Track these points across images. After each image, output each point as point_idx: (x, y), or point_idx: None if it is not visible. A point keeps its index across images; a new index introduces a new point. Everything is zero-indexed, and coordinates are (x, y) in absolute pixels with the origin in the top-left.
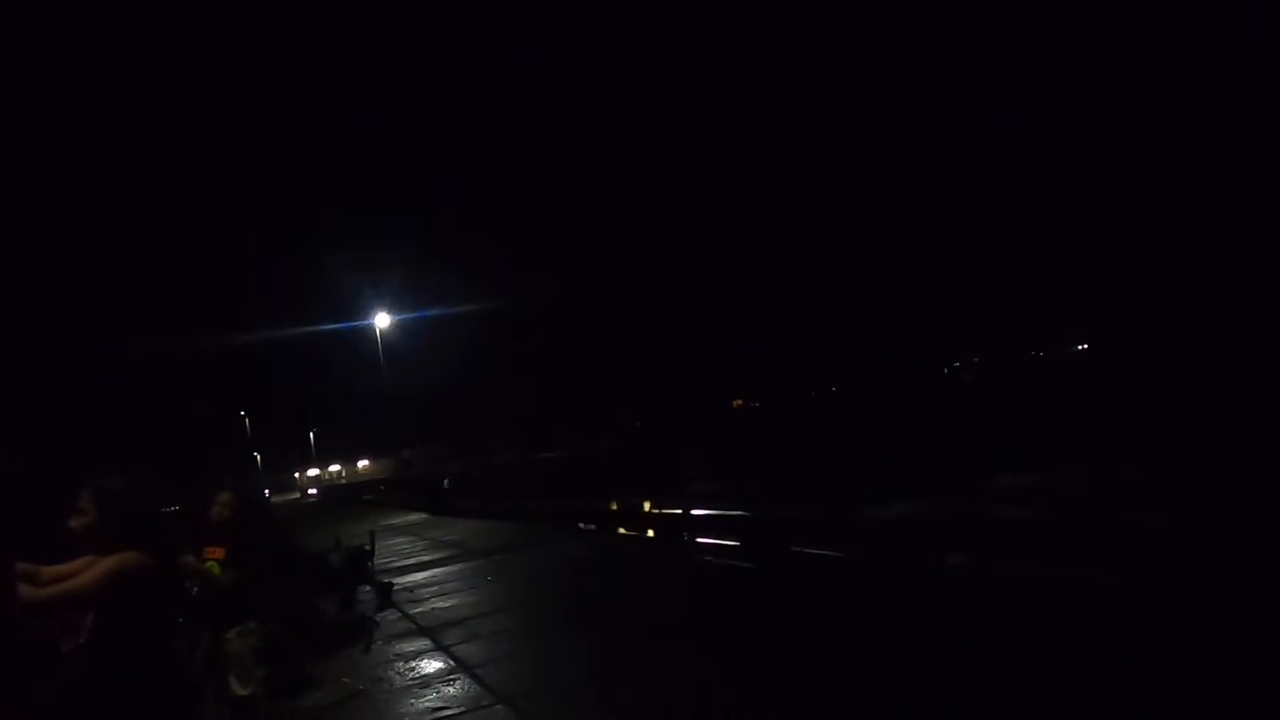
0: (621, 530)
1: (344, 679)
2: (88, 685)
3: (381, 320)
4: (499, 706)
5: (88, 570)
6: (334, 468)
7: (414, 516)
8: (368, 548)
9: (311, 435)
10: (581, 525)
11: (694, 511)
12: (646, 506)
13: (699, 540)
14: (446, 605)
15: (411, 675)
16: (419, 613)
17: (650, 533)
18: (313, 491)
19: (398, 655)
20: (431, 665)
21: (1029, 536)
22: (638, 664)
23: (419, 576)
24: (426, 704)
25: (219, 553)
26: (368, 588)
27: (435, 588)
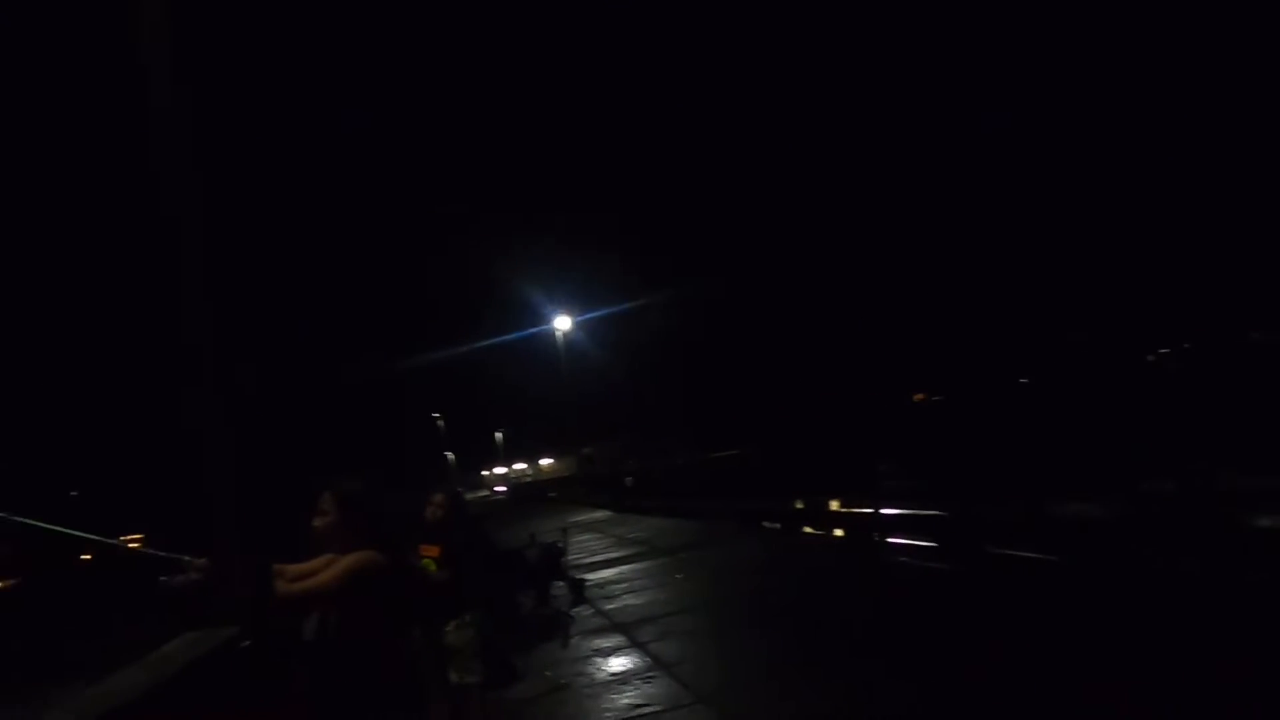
0: (808, 530)
1: (546, 672)
2: (327, 677)
3: (562, 323)
4: (699, 706)
5: (329, 568)
6: (519, 466)
7: (598, 514)
8: (560, 545)
9: (498, 435)
10: (766, 524)
11: (884, 510)
12: (834, 505)
13: (890, 540)
14: (638, 602)
15: (610, 671)
16: (612, 609)
17: (838, 532)
18: (501, 489)
19: (595, 651)
20: (629, 662)
21: (1262, 541)
22: (829, 665)
23: (609, 573)
24: (627, 700)
25: (434, 551)
26: (561, 583)
27: (625, 584)
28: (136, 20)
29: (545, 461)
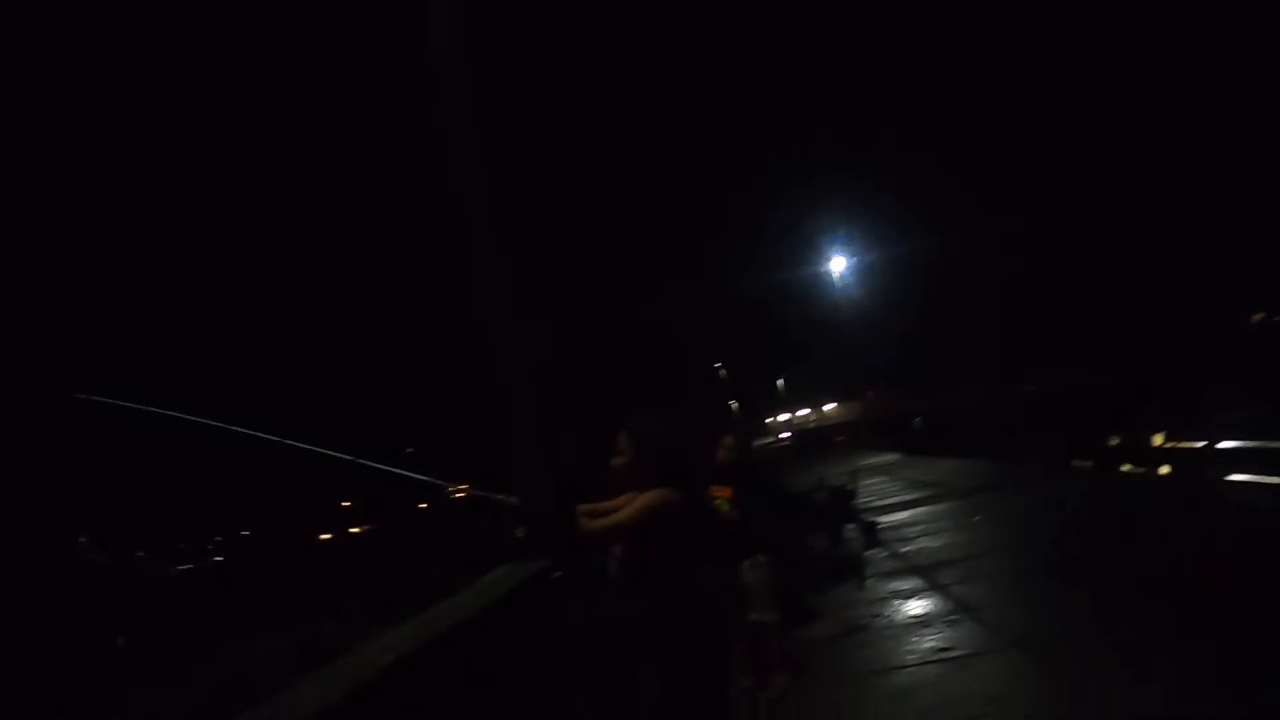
0: (1126, 468)
1: (843, 613)
2: (630, 609)
3: (837, 264)
4: (1011, 651)
5: (628, 506)
6: (802, 412)
7: (887, 457)
8: (850, 487)
9: (780, 382)
10: (1075, 463)
11: (1219, 445)
12: (1157, 440)
13: (1228, 479)
14: (935, 545)
15: (910, 613)
16: (908, 551)
17: (1163, 470)
18: (786, 435)
19: (892, 593)
20: (929, 605)
21: None
22: (1153, 615)
23: (902, 515)
24: (930, 643)
25: (727, 492)
26: (852, 526)
27: (920, 527)
28: None
29: (829, 406)
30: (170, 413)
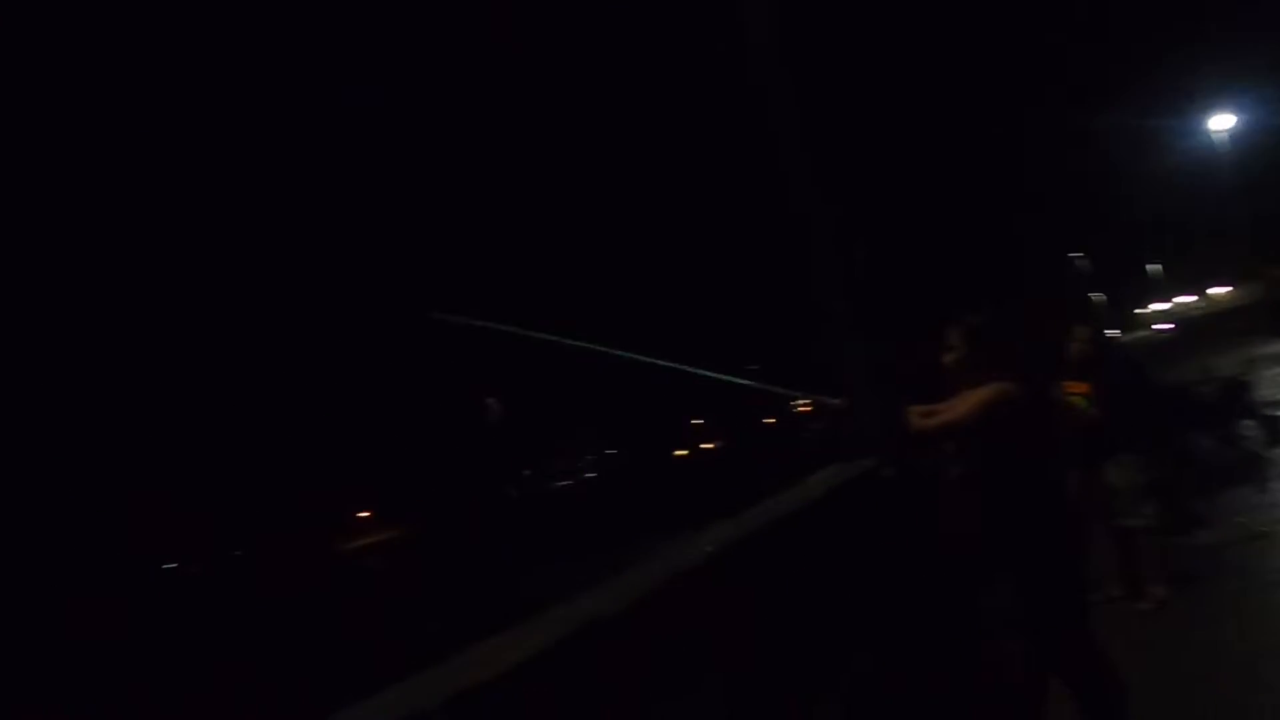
0: None
1: (1238, 519)
2: (976, 509)
3: (1221, 122)
4: None
5: (962, 402)
6: (1185, 298)
7: None
8: (1245, 378)
9: (1155, 268)
10: None
11: None
12: None
13: None
14: None
15: None
16: None
17: None
18: (1165, 326)
19: None
20: None
21: None
22: None
23: None
24: None
25: (1083, 388)
26: (1250, 422)
27: None
28: None
29: (1215, 291)
30: (511, 329)
